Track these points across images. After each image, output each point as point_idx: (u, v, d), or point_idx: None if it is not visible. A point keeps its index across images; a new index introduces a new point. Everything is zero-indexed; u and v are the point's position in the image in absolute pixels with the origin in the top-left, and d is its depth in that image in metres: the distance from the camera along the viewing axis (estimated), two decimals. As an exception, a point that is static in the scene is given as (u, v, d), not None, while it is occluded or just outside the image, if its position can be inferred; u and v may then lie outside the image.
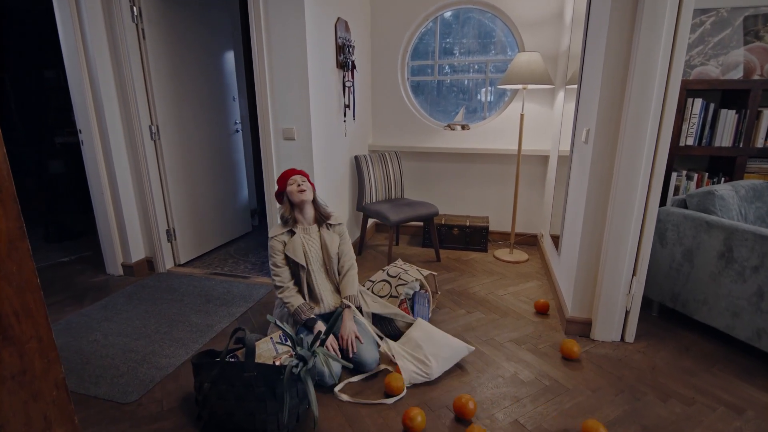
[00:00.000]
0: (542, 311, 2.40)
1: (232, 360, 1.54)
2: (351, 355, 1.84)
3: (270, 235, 1.95)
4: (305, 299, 1.96)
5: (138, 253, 2.98)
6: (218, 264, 3.18)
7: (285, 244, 1.94)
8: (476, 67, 3.56)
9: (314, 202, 2.00)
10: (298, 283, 1.97)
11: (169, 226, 3.04)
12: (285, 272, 1.95)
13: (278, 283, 1.94)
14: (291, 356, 1.46)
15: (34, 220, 4.53)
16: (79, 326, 2.29)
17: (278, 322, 1.36)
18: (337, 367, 1.75)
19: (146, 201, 2.90)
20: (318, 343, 1.41)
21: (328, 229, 2.02)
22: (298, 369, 1.35)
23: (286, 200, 1.97)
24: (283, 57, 2.45)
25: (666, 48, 1.74)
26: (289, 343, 1.50)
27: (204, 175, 3.31)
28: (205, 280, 2.86)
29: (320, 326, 1.88)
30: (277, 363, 1.50)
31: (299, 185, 1.92)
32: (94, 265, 3.18)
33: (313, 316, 1.90)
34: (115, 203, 2.85)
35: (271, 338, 1.58)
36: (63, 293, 2.71)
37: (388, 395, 1.72)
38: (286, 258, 1.95)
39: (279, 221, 1.99)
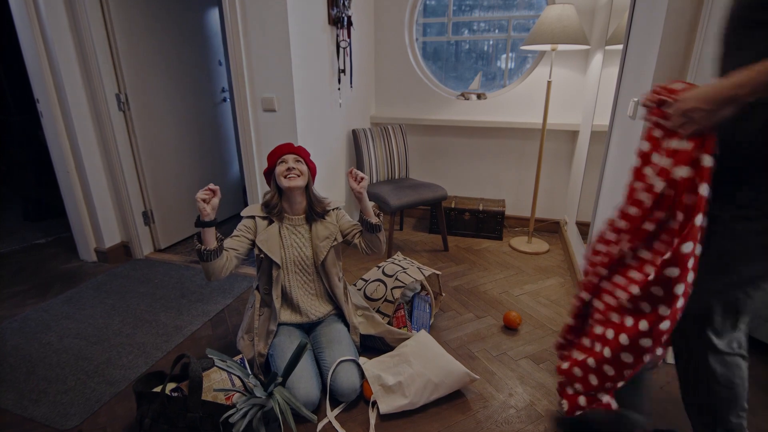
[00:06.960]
0: (511, 326, 1.96)
1: (175, 394, 1.24)
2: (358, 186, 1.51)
3: (243, 213, 1.59)
4: (280, 305, 1.62)
5: (112, 238, 2.70)
6: (202, 249, 2.88)
7: (257, 230, 1.57)
8: (496, 31, 3.06)
9: (308, 190, 1.60)
10: (270, 284, 1.60)
11: (145, 208, 2.74)
12: (241, 245, 1.54)
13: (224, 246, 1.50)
14: (243, 395, 1.15)
15: (22, 196, 4.30)
16: (35, 324, 2.03)
17: (219, 362, 1.04)
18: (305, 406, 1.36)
19: (117, 180, 2.58)
20: (275, 385, 1.09)
21: (324, 218, 1.64)
22: (248, 417, 1.04)
23: (273, 183, 1.60)
24: (259, 10, 2.03)
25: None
26: (245, 373, 1.18)
27: (185, 150, 2.96)
28: (184, 269, 2.57)
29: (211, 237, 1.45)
30: (229, 404, 1.19)
31: (289, 168, 1.52)
32: (69, 248, 2.92)
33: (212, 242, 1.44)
34: (82, 182, 2.54)
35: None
36: (28, 282, 2.46)
37: None
38: (256, 248, 1.57)
39: (261, 202, 1.62)
